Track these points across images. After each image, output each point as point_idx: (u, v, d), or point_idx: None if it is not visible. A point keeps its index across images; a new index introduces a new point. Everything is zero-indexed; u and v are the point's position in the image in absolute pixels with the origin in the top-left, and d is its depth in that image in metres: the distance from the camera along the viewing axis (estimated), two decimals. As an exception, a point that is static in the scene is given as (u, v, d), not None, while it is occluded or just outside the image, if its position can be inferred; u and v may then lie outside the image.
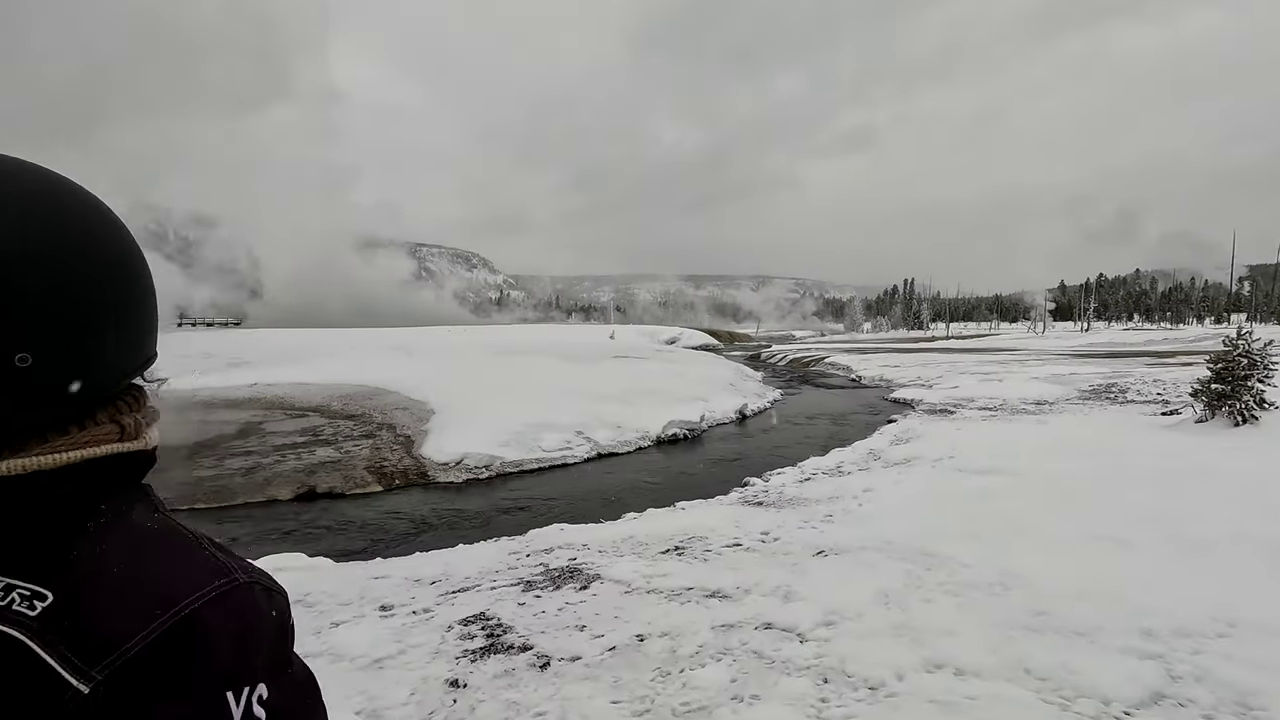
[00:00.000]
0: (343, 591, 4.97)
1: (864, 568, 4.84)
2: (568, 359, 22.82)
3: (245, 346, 26.79)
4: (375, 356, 23.29)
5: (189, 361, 23.22)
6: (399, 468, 10.67)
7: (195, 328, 65.56)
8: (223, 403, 15.83)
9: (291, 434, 12.46)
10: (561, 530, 7.06)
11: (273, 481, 9.82)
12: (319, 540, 7.66)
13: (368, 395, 15.95)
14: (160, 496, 0.69)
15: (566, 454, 11.75)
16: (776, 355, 38.78)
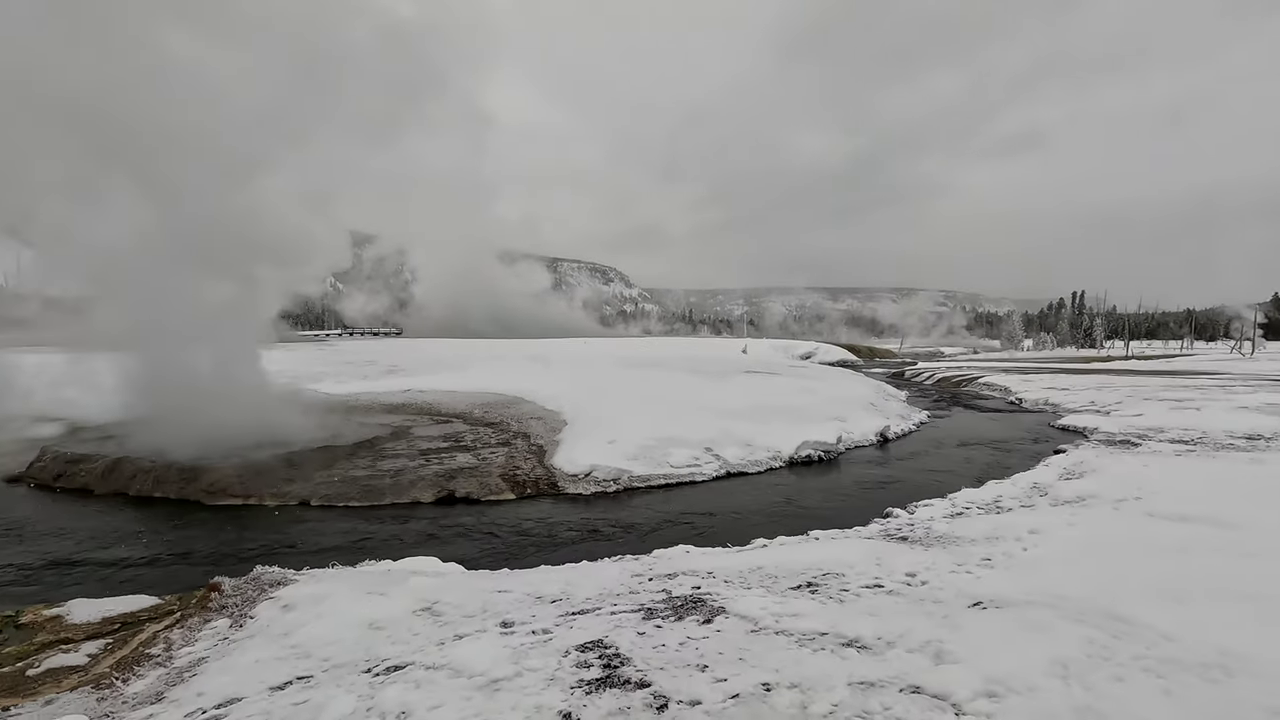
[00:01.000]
0: (467, 603, 5.02)
1: (1032, 628, 4.15)
2: (698, 373, 22.61)
3: (402, 355, 29.06)
4: (514, 366, 24.37)
5: (355, 368, 25.58)
6: (531, 477, 10.93)
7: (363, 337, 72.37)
8: (380, 407, 17.17)
9: (436, 439, 13.19)
10: (687, 553, 6.81)
11: (417, 484, 10.39)
12: (453, 545, 7.94)
13: (506, 404, 16.63)
14: (324, 493, 0.54)
15: (694, 471, 11.50)
16: (923, 373, 36.23)
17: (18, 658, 4.59)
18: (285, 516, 9.37)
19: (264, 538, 8.40)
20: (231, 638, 4.70)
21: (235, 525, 8.99)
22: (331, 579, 5.78)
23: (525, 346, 34.38)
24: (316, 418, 14.03)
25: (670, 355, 33.81)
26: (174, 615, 5.25)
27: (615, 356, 31.80)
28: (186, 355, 12.63)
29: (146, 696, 3.95)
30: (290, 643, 4.47)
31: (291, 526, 8.89)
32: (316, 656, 4.26)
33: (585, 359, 29.56)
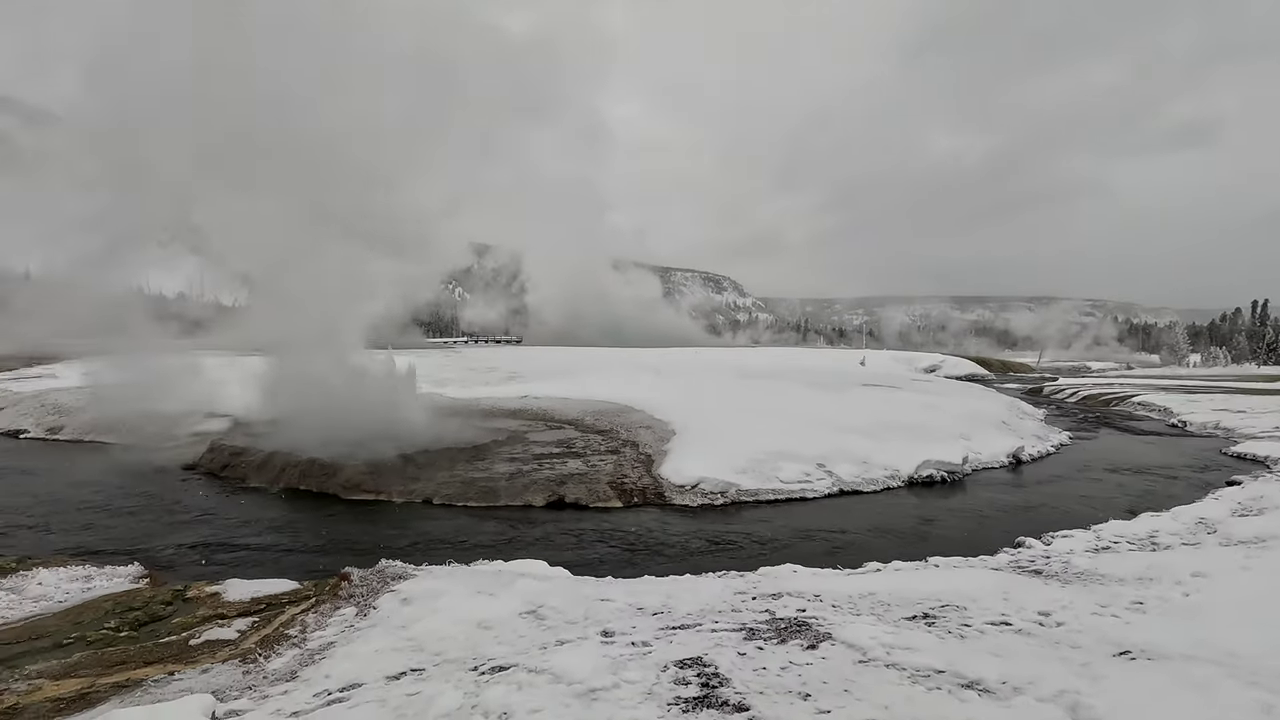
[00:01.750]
0: (570, 609, 5.11)
1: (1192, 686, 3.64)
2: (812, 385, 21.93)
3: (520, 362, 30.31)
4: (626, 375, 24.72)
5: (478, 374, 26.96)
6: (638, 486, 11.01)
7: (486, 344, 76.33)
8: (499, 411, 17.98)
9: (549, 445, 13.61)
10: (794, 573, 6.59)
11: (529, 488, 10.76)
12: (560, 549, 8.13)
13: (616, 412, 16.88)
14: (445, 493, 0.59)
15: (805, 487, 11.13)
16: (1064, 390, 33.15)
17: (183, 628, 5.18)
18: (409, 513, 10.00)
19: (389, 532, 9.00)
20: (356, 625, 5.05)
21: (365, 519, 9.70)
22: (447, 576, 6.08)
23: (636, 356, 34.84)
24: (441, 420, 14.89)
25: (783, 366, 33.06)
26: (310, 600, 5.72)
27: (726, 366, 31.52)
28: (330, 359, 13.83)
29: (283, 674, 4.32)
30: (407, 635, 4.74)
31: (414, 523, 9.47)
32: (429, 650, 4.49)
33: (695, 369, 29.52)
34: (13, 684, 4.27)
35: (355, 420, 12.95)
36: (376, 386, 14.26)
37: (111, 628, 5.17)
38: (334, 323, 13.80)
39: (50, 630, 5.18)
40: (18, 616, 5.43)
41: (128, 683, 4.29)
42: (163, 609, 5.58)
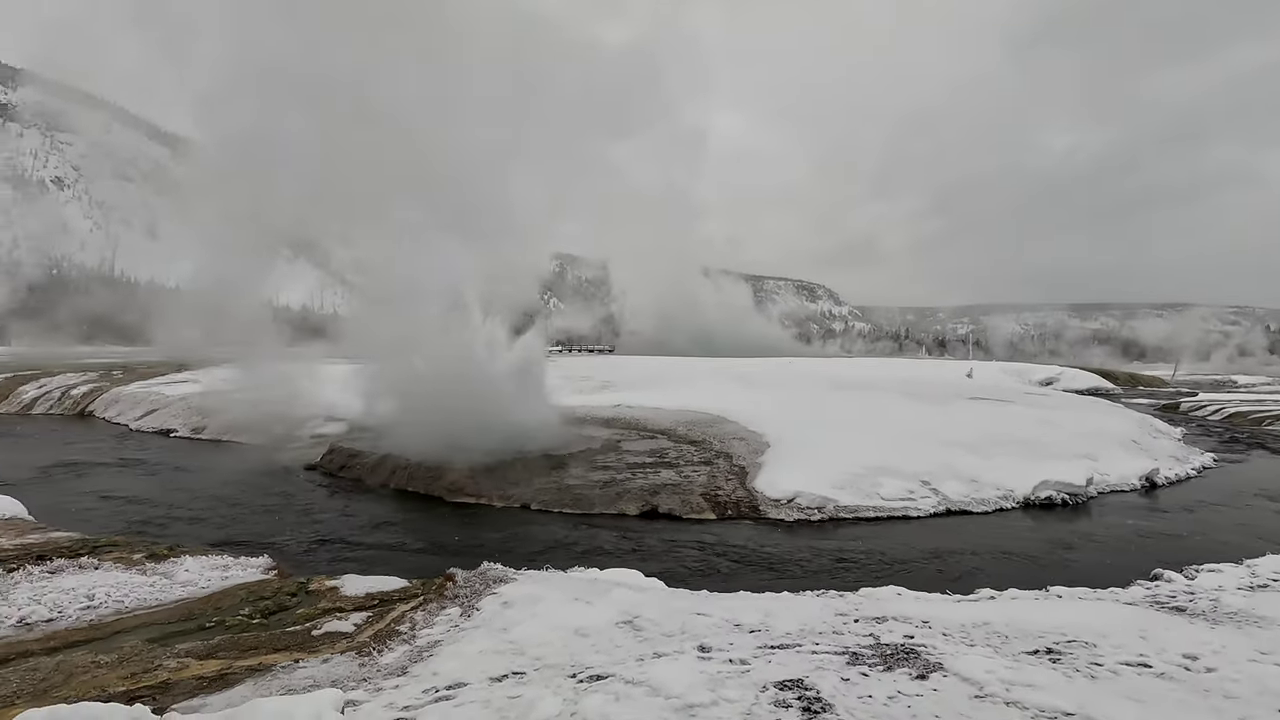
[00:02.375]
0: (666, 621, 5.09)
1: (1384, 753, 3.16)
2: (914, 397, 20.94)
3: (613, 371, 30.72)
4: (718, 385, 24.53)
5: (572, 382, 27.55)
6: (731, 498, 10.87)
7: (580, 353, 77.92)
8: (593, 420, 18.28)
9: (642, 454, 13.69)
10: (898, 595, 6.28)
11: (623, 497, 10.86)
12: (655, 560, 8.14)
13: (709, 423, 16.77)
14: (542, 499, 0.63)
15: (908, 505, 10.61)
16: (1205, 407, 29.99)
17: (305, 619, 5.56)
18: (508, 517, 10.32)
19: (489, 535, 9.32)
20: (461, 625, 5.25)
21: (467, 521, 10.09)
22: (545, 582, 6.22)
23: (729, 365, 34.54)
24: (540, 428, 15.29)
25: (882, 377, 31.77)
26: (418, 598, 6.00)
27: (822, 377, 30.64)
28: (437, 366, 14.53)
29: (394, 669, 4.54)
30: (508, 638, 4.87)
31: (513, 527, 9.76)
32: (529, 655, 4.59)
33: (790, 379, 28.89)
34: (165, 661, 4.72)
35: (463, 426, 13.49)
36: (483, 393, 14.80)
37: (245, 615, 5.62)
38: (439, 332, 14.50)
39: (195, 613, 5.70)
40: (170, 599, 6.01)
41: (259, 667, 4.64)
42: (289, 600, 6.01)
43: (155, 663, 4.69)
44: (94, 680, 4.42)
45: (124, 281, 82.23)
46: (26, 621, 5.40)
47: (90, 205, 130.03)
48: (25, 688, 4.31)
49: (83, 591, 5.95)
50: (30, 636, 5.17)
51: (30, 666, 4.62)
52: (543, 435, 14.31)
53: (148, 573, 6.56)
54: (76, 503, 10.86)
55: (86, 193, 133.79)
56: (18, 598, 5.82)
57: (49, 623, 5.42)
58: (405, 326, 14.58)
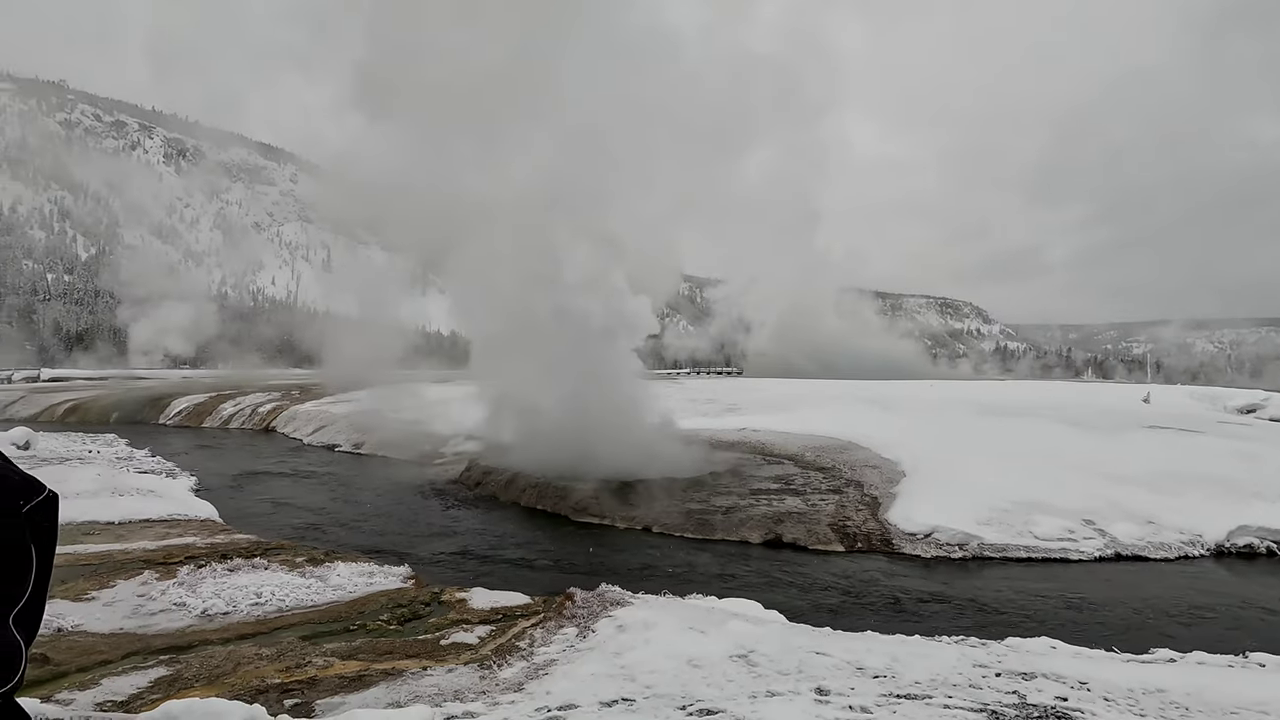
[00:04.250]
0: (783, 659, 4.86)
1: None
2: (1077, 425, 18.84)
3: (739, 394, 30.31)
4: (849, 409, 23.45)
5: (697, 405, 27.49)
6: (862, 530, 10.29)
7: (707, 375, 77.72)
8: (718, 443, 18.08)
9: (766, 480, 13.33)
10: (1053, 649, 5.61)
11: (746, 524, 10.60)
12: (774, 591, 7.84)
13: (839, 448, 16.04)
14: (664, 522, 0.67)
15: (1067, 546, 9.50)
16: None
17: (435, 629, 5.88)
18: (629, 539, 10.40)
19: (610, 556, 9.43)
20: (576, 646, 5.32)
21: (590, 541, 10.28)
22: (660, 608, 6.17)
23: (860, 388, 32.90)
24: (664, 451, 15.36)
25: (1038, 401, 28.87)
26: (538, 616, 6.17)
27: (967, 401, 28.39)
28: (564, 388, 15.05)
29: (511, 684, 4.68)
30: (620, 663, 4.86)
31: (634, 549, 9.81)
32: (640, 682, 4.55)
33: (930, 403, 27.03)
34: (314, 658, 5.17)
35: (585, 447, 13.85)
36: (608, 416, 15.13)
37: (384, 620, 6.05)
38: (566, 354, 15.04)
39: (342, 616, 6.22)
40: (322, 601, 6.60)
41: (393, 671, 4.95)
42: (422, 608, 6.40)
43: (306, 659, 5.14)
44: (255, 671, 4.91)
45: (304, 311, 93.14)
46: (208, 613, 6.14)
47: (279, 245, 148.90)
48: (202, 673, 4.88)
49: (253, 589, 6.68)
50: (209, 627, 5.87)
51: (208, 654, 5.23)
52: (666, 458, 14.33)
53: (306, 575, 7.26)
54: (256, 508, 12.28)
55: (277, 235, 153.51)
56: (204, 591, 6.64)
57: (225, 615, 6.13)
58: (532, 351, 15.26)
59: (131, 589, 6.61)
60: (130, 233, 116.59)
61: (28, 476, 1.16)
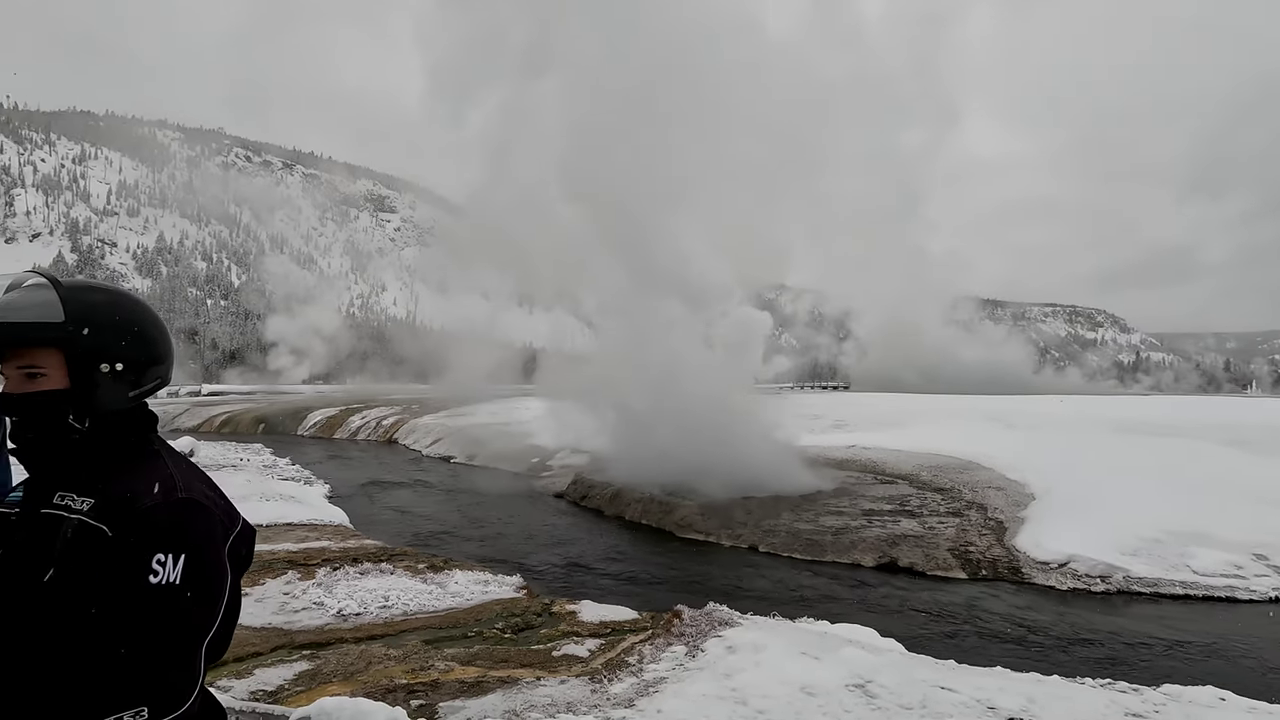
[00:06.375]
0: (905, 691, 4.60)
1: None
2: (1239, 445, 16.76)
3: (846, 409, 29.27)
4: (968, 425, 22.07)
5: (802, 420, 26.77)
6: (986, 556, 9.61)
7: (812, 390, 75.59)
8: (825, 461, 17.52)
9: (879, 500, 12.76)
10: (1221, 700, 4.99)
11: (858, 546, 10.18)
12: (891, 618, 7.45)
13: (958, 468, 15.12)
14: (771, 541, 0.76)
15: (1233, 584, 8.43)
16: None
17: (547, 639, 6.03)
18: (735, 557, 10.24)
19: (716, 574, 9.32)
20: (685, 665, 5.28)
21: (695, 558, 10.22)
22: (770, 630, 6.03)
23: (981, 404, 30.83)
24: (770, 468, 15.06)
25: (1190, 419, 25.93)
26: (646, 631, 6.18)
27: (1106, 419, 25.94)
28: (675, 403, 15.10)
29: (622, 700, 4.71)
30: (730, 685, 4.78)
31: (739, 568, 9.65)
32: (752, 706, 4.46)
33: (1060, 420, 24.93)
34: (436, 662, 5.43)
35: (691, 463, 13.82)
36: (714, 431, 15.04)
37: (499, 629, 6.27)
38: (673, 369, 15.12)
39: (460, 622, 6.51)
40: (442, 607, 6.94)
41: (508, 679, 5.11)
42: (535, 619, 6.58)
43: (429, 663, 5.41)
44: (384, 670, 5.23)
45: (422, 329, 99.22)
46: (343, 613, 6.60)
47: (400, 268, 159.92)
48: (338, 670, 5.25)
49: (381, 592, 7.13)
50: (344, 626, 6.31)
51: (343, 652, 5.62)
52: (773, 476, 14.04)
53: (427, 581, 7.66)
54: (381, 515, 13.12)
55: (399, 259, 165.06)
56: (339, 592, 7.16)
57: (357, 616, 6.58)
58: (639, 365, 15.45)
59: (278, 587, 7.23)
60: (274, 260, 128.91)
61: (229, 506, 1.28)
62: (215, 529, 1.21)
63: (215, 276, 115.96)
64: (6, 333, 1.14)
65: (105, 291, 1.25)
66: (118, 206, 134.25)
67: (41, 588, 1.12)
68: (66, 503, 1.16)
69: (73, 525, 1.14)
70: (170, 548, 1.12)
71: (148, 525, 1.13)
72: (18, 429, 1.18)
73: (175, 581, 1.12)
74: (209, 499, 1.23)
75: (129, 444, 1.25)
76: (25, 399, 1.17)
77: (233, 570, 1.24)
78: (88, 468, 1.20)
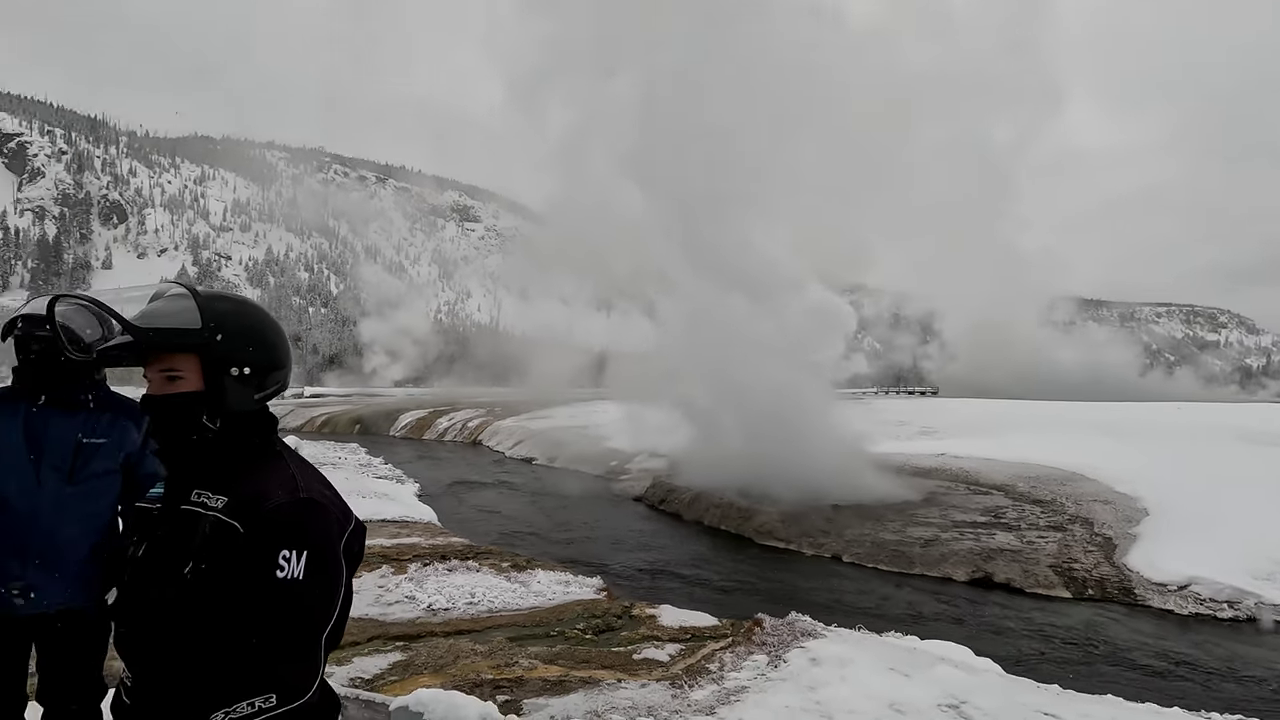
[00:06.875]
0: (1004, 715, 4.35)
1: None
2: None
3: (934, 416, 28.01)
4: (1069, 434, 20.64)
5: (887, 427, 25.82)
6: (1094, 575, 8.97)
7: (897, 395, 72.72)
8: (912, 469, 16.82)
9: (971, 511, 12.15)
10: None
11: (948, 559, 9.73)
12: (985, 637, 7.07)
13: (1060, 480, 14.19)
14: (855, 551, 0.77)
15: (1391, 616, 7.51)
16: None
17: (628, 642, 6.07)
18: (817, 567, 9.99)
19: (797, 583, 9.12)
20: (768, 675, 5.19)
21: (775, 566, 10.04)
22: (856, 643, 5.84)
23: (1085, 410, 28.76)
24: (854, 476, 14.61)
25: (1334, 431, 23.30)
26: (727, 639, 6.11)
27: (1231, 428, 23.66)
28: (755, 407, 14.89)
29: (703, 707, 4.67)
30: (815, 698, 4.66)
31: (822, 578, 9.41)
32: (837, 721, 4.32)
33: (1177, 430, 22.92)
34: (520, 659, 5.56)
35: (771, 469, 13.59)
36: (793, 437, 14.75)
37: (580, 629, 6.36)
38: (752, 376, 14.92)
39: (542, 621, 6.64)
40: (525, 606, 7.11)
41: (590, 679, 5.18)
42: (615, 621, 6.64)
43: (513, 659, 5.55)
44: (471, 665, 5.40)
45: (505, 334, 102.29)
46: (432, 608, 6.87)
47: (484, 276, 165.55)
48: (429, 662, 5.46)
49: (468, 589, 7.37)
50: (434, 620, 6.56)
51: (433, 645, 5.85)
52: (856, 484, 13.62)
53: (511, 580, 7.87)
54: (467, 514, 13.59)
55: (482, 266, 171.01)
56: (429, 587, 7.45)
57: (445, 611, 6.83)
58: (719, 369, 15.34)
59: (373, 580, 7.60)
60: (368, 269, 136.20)
61: (344, 505, 1.36)
62: (333, 527, 1.28)
63: (316, 285, 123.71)
64: (154, 337, 1.24)
65: (234, 301, 1.35)
66: (232, 222, 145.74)
67: (182, 579, 1.21)
68: (202, 500, 1.26)
69: (210, 521, 1.23)
70: (294, 544, 1.20)
71: (274, 523, 1.21)
72: (157, 428, 1.29)
73: (299, 577, 1.19)
74: (326, 498, 1.30)
75: (255, 445, 1.34)
76: (166, 400, 1.27)
77: (347, 566, 1.30)
78: (220, 466, 1.30)
